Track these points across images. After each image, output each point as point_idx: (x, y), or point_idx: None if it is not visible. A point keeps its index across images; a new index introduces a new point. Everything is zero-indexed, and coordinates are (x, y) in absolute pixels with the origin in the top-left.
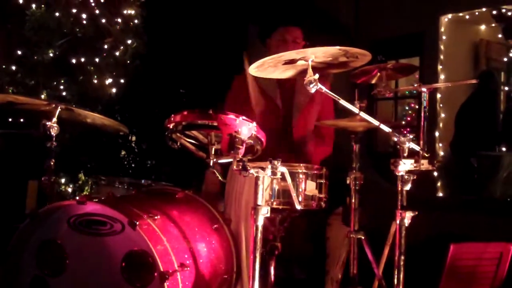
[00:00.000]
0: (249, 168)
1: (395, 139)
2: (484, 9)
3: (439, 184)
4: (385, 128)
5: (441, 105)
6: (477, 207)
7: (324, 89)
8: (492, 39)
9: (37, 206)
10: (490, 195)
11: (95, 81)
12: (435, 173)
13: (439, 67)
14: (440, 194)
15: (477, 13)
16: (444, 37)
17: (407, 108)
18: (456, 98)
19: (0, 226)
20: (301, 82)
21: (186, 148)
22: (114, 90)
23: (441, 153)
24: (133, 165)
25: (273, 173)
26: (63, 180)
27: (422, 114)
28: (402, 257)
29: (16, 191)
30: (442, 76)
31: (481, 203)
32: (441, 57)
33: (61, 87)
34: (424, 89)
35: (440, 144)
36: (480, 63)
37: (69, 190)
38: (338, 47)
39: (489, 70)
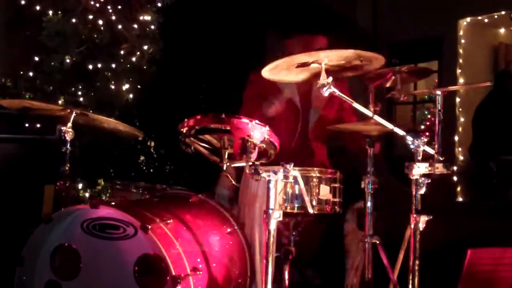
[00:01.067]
0: (261, 172)
1: (409, 142)
2: (503, 12)
3: (458, 189)
4: (399, 131)
5: (460, 109)
6: (497, 212)
7: (338, 92)
8: None
9: (53, 211)
10: (509, 200)
11: (112, 87)
12: (455, 178)
13: (458, 71)
14: (460, 199)
15: (496, 17)
16: (463, 41)
17: (426, 112)
18: (476, 102)
19: (17, 231)
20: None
21: (199, 152)
22: (131, 95)
23: (461, 158)
24: (151, 170)
25: (285, 177)
26: (80, 185)
27: (437, 118)
28: (417, 262)
29: (32, 196)
30: (461, 80)
31: (500, 208)
32: (460, 60)
33: (79, 93)
34: (438, 92)
35: (460, 149)
36: (499, 67)
37: (87, 195)
38: (351, 51)
39: (506, 70)
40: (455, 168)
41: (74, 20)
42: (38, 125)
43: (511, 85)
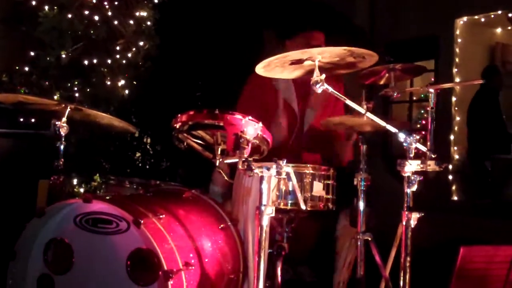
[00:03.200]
0: (254, 168)
1: (401, 139)
2: (500, 12)
3: (454, 187)
4: (391, 128)
5: (456, 108)
6: (492, 210)
7: (331, 89)
8: (508, 42)
9: (47, 205)
10: (504, 199)
11: (108, 83)
12: (450, 177)
13: (454, 70)
14: (455, 198)
15: (492, 16)
16: (459, 40)
17: (422, 111)
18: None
19: (11, 225)
20: None
21: (192, 148)
22: (127, 91)
23: (456, 157)
24: (147, 167)
25: (278, 173)
26: (75, 181)
27: (430, 115)
28: (408, 259)
29: (26, 191)
30: (457, 79)
31: (495, 206)
32: (457, 60)
33: (75, 88)
34: (431, 90)
35: (455, 148)
36: None
37: (82, 190)
38: (343, 48)
39: (492, 65)
40: (450, 167)
41: (70, 16)
42: (33, 120)
43: (498, 80)
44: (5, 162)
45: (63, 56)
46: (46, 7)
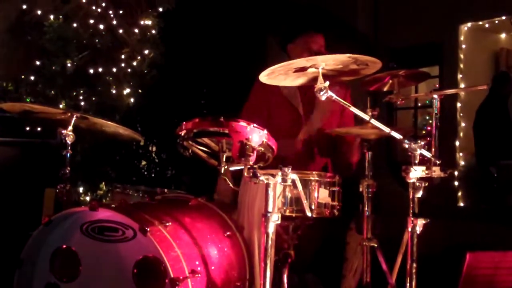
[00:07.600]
0: (259, 175)
1: (406, 146)
2: (504, 18)
3: (459, 194)
4: (396, 135)
5: (461, 114)
6: (498, 217)
7: (335, 96)
8: None
9: (53, 214)
10: (510, 205)
11: (114, 91)
12: (456, 183)
13: (459, 76)
14: (461, 204)
15: (496, 22)
16: (463, 46)
17: (427, 117)
18: (477, 107)
19: (17, 234)
20: None
21: (197, 156)
22: (132, 100)
23: (462, 163)
24: (153, 175)
25: (284, 180)
26: (81, 189)
27: (434, 121)
28: (414, 265)
29: (33, 199)
30: (462, 85)
31: (501, 212)
32: (461, 66)
33: (80, 97)
34: (435, 96)
35: (461, 154)
36: None
37: (88, 199)
38: (347, 55)
39: (503, 72)
40: (456, 173)
41: (75, 25)
42: (39, 129)
43: (506, 86)
44: (11, 170)
45: (69, 65)
46: (51, 17)
